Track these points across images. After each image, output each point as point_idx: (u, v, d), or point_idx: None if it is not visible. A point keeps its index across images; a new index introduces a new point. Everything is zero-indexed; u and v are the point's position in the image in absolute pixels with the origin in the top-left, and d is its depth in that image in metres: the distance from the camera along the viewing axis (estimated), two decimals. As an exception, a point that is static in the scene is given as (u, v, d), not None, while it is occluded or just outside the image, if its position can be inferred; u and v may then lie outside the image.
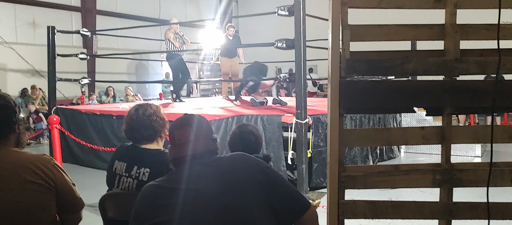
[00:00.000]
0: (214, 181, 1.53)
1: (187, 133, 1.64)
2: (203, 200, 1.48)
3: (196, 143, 1.63)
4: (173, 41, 8.14)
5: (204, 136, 1.66)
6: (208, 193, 1.50)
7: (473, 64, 1.66)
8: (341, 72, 1.65)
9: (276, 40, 5.01)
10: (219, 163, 1.61)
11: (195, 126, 1.66)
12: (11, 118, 1.80)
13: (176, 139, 1.65)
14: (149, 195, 1.57)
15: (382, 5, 1.72)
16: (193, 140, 1.63)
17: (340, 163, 1.67)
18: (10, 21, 11.69)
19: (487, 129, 1.67)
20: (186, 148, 1.62)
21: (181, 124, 1.68)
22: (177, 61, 8.35)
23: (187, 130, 1.64)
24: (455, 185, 1.70)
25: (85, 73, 12.48)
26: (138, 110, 2.27)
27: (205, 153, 1.63)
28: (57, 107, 7.00)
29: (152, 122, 2.25)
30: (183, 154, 1.61)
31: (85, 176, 5.93)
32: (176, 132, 1.66)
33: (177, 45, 8.15)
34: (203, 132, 1.67)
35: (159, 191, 1.56)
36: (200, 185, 1.52)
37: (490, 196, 1.61)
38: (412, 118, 7.49)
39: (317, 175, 5.12)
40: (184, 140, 1.63)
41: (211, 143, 1.68)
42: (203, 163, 1.59)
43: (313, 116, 5.11)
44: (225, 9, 17.81)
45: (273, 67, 16.66)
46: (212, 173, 1.56)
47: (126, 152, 2.29)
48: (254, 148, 2.60)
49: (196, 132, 1.64)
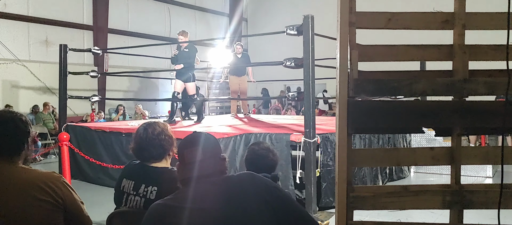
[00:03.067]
0: (221, 200, 1.53)
1: (196, 153, 1.64)
2: (209, 219, 1.48)
3: (205, 163, 1.63)
4: None
5: (213, 156, 1.67)
6: (214, 212, 1.50)
7: (482, 85, 1.65)
8: (349, 92, 1.65)
9: (284, 59, 5.03)
10: (227, 182, 1.61)
11: (205, 146, 1.67)
12: (25, 136, 1.83)
13: (185, 158, 1.65)
14: (157, 214, 1.57)
15: (390, 25, 1.72)
16: (202, 160, 1.63)
17: (348, 183, 1.66)
18: (24, 39, 11.90)
19: (497, 149, 1.66)
20: (195, 167, 1.62)
21: (191, 143, 1.68)
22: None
23: (196, 150, 1.65)
24: (465, 206, 1.68)
25: (95, 90, 12.62)
26: (146, 130, 2.28)
27: (214, 173, 1.63)
28: (67, 124, 7.06)
29: (161, 140, 2.26)
30: (192, 174, 1.62)
31: (94, 193, 5.94)
32: (186, 151, 1.66)
33: None
34: (212, 152, 1.68)
35: (166, 210, 1.56)
36: (207, 204, 1.52)
37: (501, 218, 1.58)
38: (422, 138, 7.42)
39: (326, 194, 5.08)
40: (193, 159, 1.63)
41: (220, 162, 1.68)
42: (210, 182, 1.59)
43: (322, 135, 5.09)
44: (235, 29, 17.98)
45: (282, 85, 16.73)
46: (219, 192, 1.56)
47: (134, 170, 2.29)
48: (272, 165, 2.60)
49: (205, 151, 1.65)
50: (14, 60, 11.59)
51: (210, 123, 8.18)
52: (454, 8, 1.71)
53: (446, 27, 1.72)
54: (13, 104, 10.92)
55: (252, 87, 12.73)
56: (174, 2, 16.04)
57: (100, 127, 7.03)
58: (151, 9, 15.32)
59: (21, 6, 11.76)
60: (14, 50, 11.53)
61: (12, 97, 11.52)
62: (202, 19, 17.29)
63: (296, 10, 14.84)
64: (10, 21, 11.51)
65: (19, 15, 11.68)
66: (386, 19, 1.72)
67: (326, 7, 10.60)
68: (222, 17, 18.60)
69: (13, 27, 11.61)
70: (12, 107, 9.95)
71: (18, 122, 1.83)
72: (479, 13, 1.73)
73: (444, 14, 1.72)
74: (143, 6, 15.02)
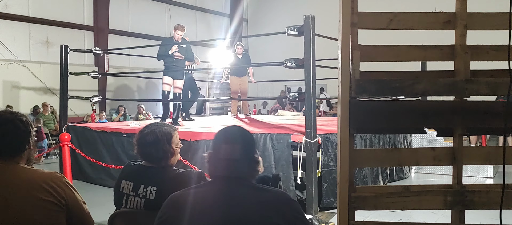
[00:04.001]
0: (249, 212, 1.50)
1: (234, 150, 1.60)
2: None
3: (240, 163, 1.60)
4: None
5: (248, 156, 1.63)
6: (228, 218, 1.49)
7: (483, 85, 1.65)
8: (351, 93, 1.66)
9: (285, 60, 5.03)
10: (258, 193, 1.57)
11: (243, 144, 1.63)
12: (26, 137, 1.83)
13: (221, 153, 1.61)
14: (178, 205, 1.58)
15: (391, 26, 1.73)
16: (238, 160, 1.59)
17: (350, 184, 1.66)
18: (24, 39, 11.91)
19: (499, 150, 1.66)
20: (229, 165, 1.59)
21: (231, 139, 1.64)
22: (186, 79, 8.40)
23: (235, 148, 1.60)
24: (467, 207, 1.68)
25: (96, 91, 12.62)
26: (146, 131, 2.28)
27: (246, 175, 1.61)
28: (68, 125, 7.07)
29: (158, 144, 2.25)
30: (224, 172, 1.60)
31: (95, 194, 5.94)
32: (224, 146, 1.62)
33: (187, 64, 8.22)
34: (249, 152, 1.64)
35: (188, 201, 1.57)
36: (236, 209, 1.51)
37: (503, 218, 1.59)
38: (423, 138, 7.41)
39: (328, 195, 5.08)
40: (229, 156, 1.59)
41: (253, 165, 1.64)
42: (241, 184, 1.57)
43: (323, 135, 5.09)
44: (236, 29, 17.99)
45: (282, 85, 16.74)
46: (249, 203, 1.53)
47: (132, 171, 2.29)
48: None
49: (242, 150, 1.61)
50: (14, 61, 11.60)
51: (211, 123, 8.19)
52: (456, 8, 1.72)
53: (448, 27, 1.72)
54: (13, 105, 10.92)
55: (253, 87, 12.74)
56: (174, 2, 16.05)
57: (101, 128, 7.03)
58: (152, 9, 15.33)
59: (22, 6, 11.77)
60: (14, 50, 11.54)
61: (12, 97, 11.52)
62: (203, 20, 17.30)
63: (296, 10, 14.84)
64: (11, 21, 11.52)
65: (20, 16, 11.69)
66: (388, 19, 1.72)
67: (327, 8, 10.60)
68: (223, 18, 18.61)
69: (14, 28, 11.62)
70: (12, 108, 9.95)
71: (17, 122, 1.82)
72: (480, 13, 1.74)
73: (446, 15, 1.72)
74: (144, 6, 15.04)
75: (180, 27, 7.22)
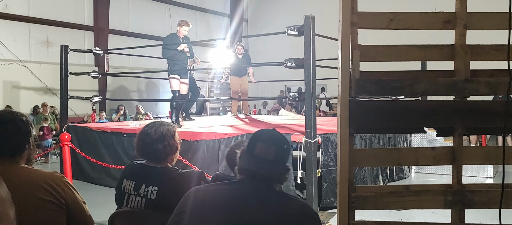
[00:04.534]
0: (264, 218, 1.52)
1: (269, 151, 1.60)
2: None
3: (272, 164, 1.61)
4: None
5: (281, 162, 1.64)
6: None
7: (483, 85, 1.66)
8: (351, 92, 1.66)
9: (285, 60, 5.03)
10: (280, 204, 1.57)
11: (279, 148, 1.63)
12: (26, 136, 1.84)
13: (256, 150, 1.62)
14: (197, 197, 1.60)
15: (391, 26, 1.73)
16: (271, 161, 1.60)
17: (350, 183, 1.66)
18: (25, 39, 11.91)
19: (498, 149, 1.66)
20: (261, 164, 1.60)
21: (268, 139, 1.64)
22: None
23: (270, 148, 1.61)
24: (467, 206, 1.68)
25: (96, 91, 12.62)
26: (151, 130, 2.28)
27: (274, 178, 1.62)
28: (69, 124, 7.07)
29: (163, 141, 2.26)
30: (254, 168, 1.60)
31: (95, 194, 5.94)
32: (259, 144, 1.62)
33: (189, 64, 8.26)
34: (283, 157, 1.65)
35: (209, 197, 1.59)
36: (250, 212, 1.52)
37: (503, 218, 1.59)
38: (423, 138, 7.42)
39: (328, 195, 5.08)
40: (263, 155, 1.60)
41: (283, 171, 1.65)
42: (267, 188, 1.59)
43: (323, 135, 5.10)
44: (236, 29, 17.99)
45: (282, 85, 16.74)
46: (267, 210, 1.54)
47: (134, 171, 2.30)
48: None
49: (277, 153, 1.62)
50: (15, 61, 11.60)
51: (211, 123, 8.19)
52: (456, 8, 1.72)
53: (448, 27, 1.72)
54: (14, 105, 10.93)
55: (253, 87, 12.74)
56: (174, 2, 16.05)
57: (101, 127, 7.03)
58: (152, 9, 15.33)
59: (22, 6, 11.77)
60: (15, 50, 11.54)
61: (13, 97, 11.53)
62: (203, 20, 17.30)
63: (296, 10, 14.83)
64: (11, 21, 11.53)
65: (20, 16, 11.70)
66: (387, 19, 1.72)
67: (327, 8, 10.60)
68: (223, 18, 18.62)
69: (14, 28, 11.62)
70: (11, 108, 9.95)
71: (18, 122, 1.83)
72: (480, 13, 1.74)
73: (446, 14, 1.72)
74: (144, 6, 15.04)
75: (185, 23, 7.00)
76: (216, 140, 5.50)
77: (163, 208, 2.13)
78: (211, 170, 5.14)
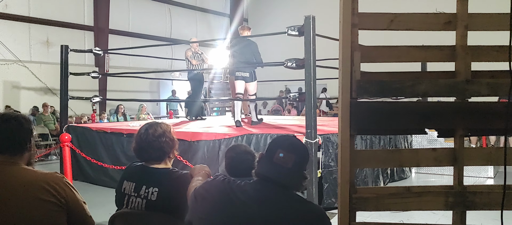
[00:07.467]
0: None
1: (288, 159, 1.63)
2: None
3: (289, 171, 1.62)
4: (191, 60, 8.31)
5: (298, 170, 1.65)
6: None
7: (484, 86, 1.65)
8: (352, 93, 1.65)
9: (286, 60, 5.03)
10: (292, 210, 1.59)
11: (298, 157, 1.65)
12: (27, 137, 1.84)
13: (274, 158, 1.64)
14: (220, 190, 1.65)
15: (392, 26, 1.72)
16: (288, 168, 1.62)
17: (351, 184, 1.66)
18: (25, 39, 11.92)
19: (500, 150, 1.65)
20: (279, 170, 1.62)
21: (288, 147, 1.66)
22: (197, 80, 8.48)
23: (290, 157, 1.63)
24: (468, 207, 1.67)
25: (96, 91, 12.63)
26: (148, 131, 2.28)
27: (290, 186, 1.64)
28: (69, 125, 7.06)
29: (162, 142, 2.26)
30: (271, 175, 1.62)
31: (95, 194, 5.94)
32: (279, 151, 1.64)
33: (194, 63, 8.31)
34: (300, 166, 1.66)
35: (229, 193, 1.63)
36: (263, 212, 1.55)
37: (504, 219, 1.58)
38: (423, 138, 7.41)
39: (328, 195, 5.08)
40: (282, 163, 1.62)
41: (300, 178, 1.66)
42: (282, 194, 1.60)
43: (323, 136, 5.09)
44: (236, 29, 17.98)
45: (282, 85, 16.73)
46: (281, 214, 1.56)
47: (134, 172, 2.30)
48: (253, 166, 2.60)
49: (295, 162, 1.63)
50: (15, 61, 11.60)
51: (211, 123, 8.18)
52: (457, 9, 1.71)
53: (449, 28, 1.72)
54: (14, 105, 10.93)
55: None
56: (175, 2, 16.05)
57: (101, 128, 7.03)
58: (152, 9, 15.33)
59: (22, 7, 11.78)
60: (15, 51, 11.54)
61: (13, 98, 11.53)
62: (203, 20, 17.31)
63: (297, 10, 14.84)
64: (11, 21, 11.53)
65: (20, 16, 11.70)
66: (388, 20, 1.72)
67: (327, 8, 10.60)
68: (223, 18, 18.62)
69: (14, 28, 11.63)
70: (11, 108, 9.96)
71: (21, 120, 1.85)
72: (481, 14, 1.73)
73: (447, 15, 1.72)
74: (144, 6, 15.04)
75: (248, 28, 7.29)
76: (216, 140, 5.50)
77: (163, 209, 2.13)
78: (211, 170, 5.12)
